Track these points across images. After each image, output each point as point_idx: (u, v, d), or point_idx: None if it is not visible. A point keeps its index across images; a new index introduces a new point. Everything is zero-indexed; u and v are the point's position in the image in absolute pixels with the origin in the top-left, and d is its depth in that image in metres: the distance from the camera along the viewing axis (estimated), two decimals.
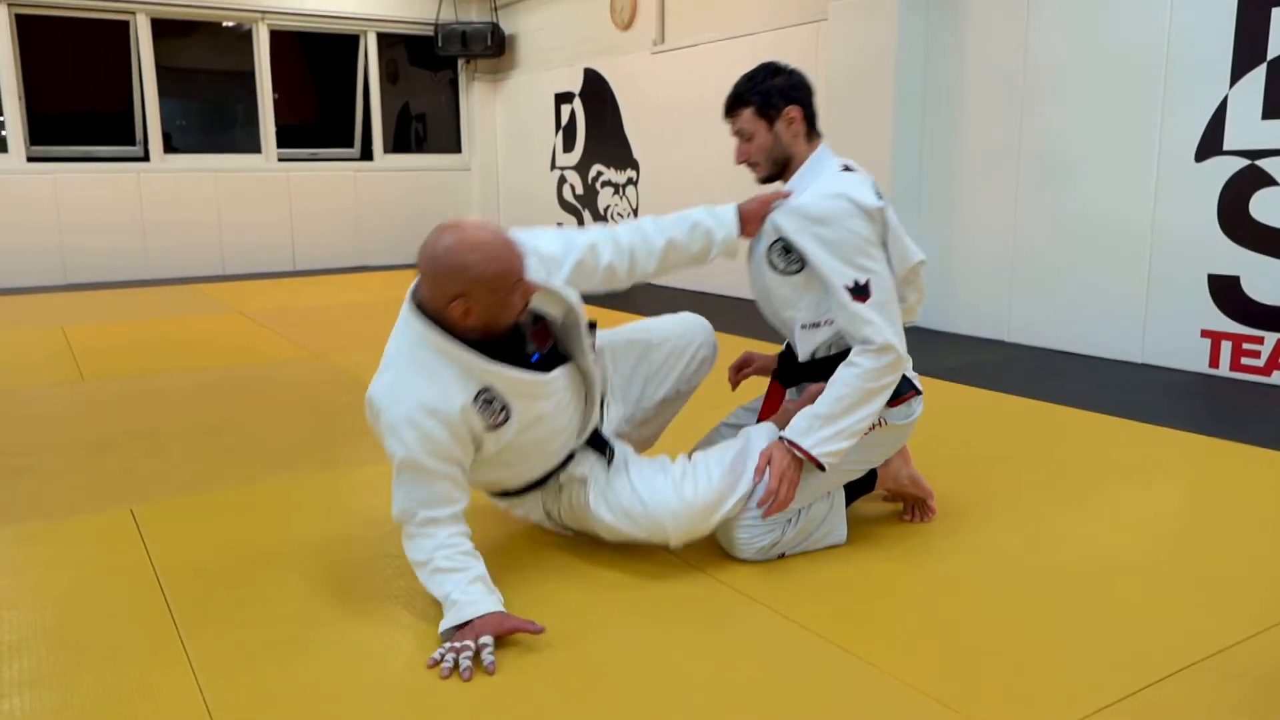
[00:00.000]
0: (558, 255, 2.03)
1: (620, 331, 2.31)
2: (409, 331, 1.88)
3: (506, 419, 1.90)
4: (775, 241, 2.12)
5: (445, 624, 1.77)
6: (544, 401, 1.96)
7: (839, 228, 2.03)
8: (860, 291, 2.01)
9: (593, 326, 2.11)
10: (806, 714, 1.58)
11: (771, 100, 2.14)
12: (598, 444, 2.12)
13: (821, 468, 2.03)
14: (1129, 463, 2.95)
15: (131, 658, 1.77)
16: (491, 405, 1.88)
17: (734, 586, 2.04)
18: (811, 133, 2.20)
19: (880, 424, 2.12)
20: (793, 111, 2.15)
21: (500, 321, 1.87)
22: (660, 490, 2.04)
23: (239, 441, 3.25)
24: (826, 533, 2.21)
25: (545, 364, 1.98)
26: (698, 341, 2.32)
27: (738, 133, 2.20)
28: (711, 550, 2.17)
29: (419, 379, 1.84)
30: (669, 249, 2.12)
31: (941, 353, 4.70)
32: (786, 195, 2.12)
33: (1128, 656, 1.75)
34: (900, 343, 2.05)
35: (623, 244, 2.09)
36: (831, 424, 2.01)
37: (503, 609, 1.80)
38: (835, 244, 2.03)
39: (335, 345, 4.96)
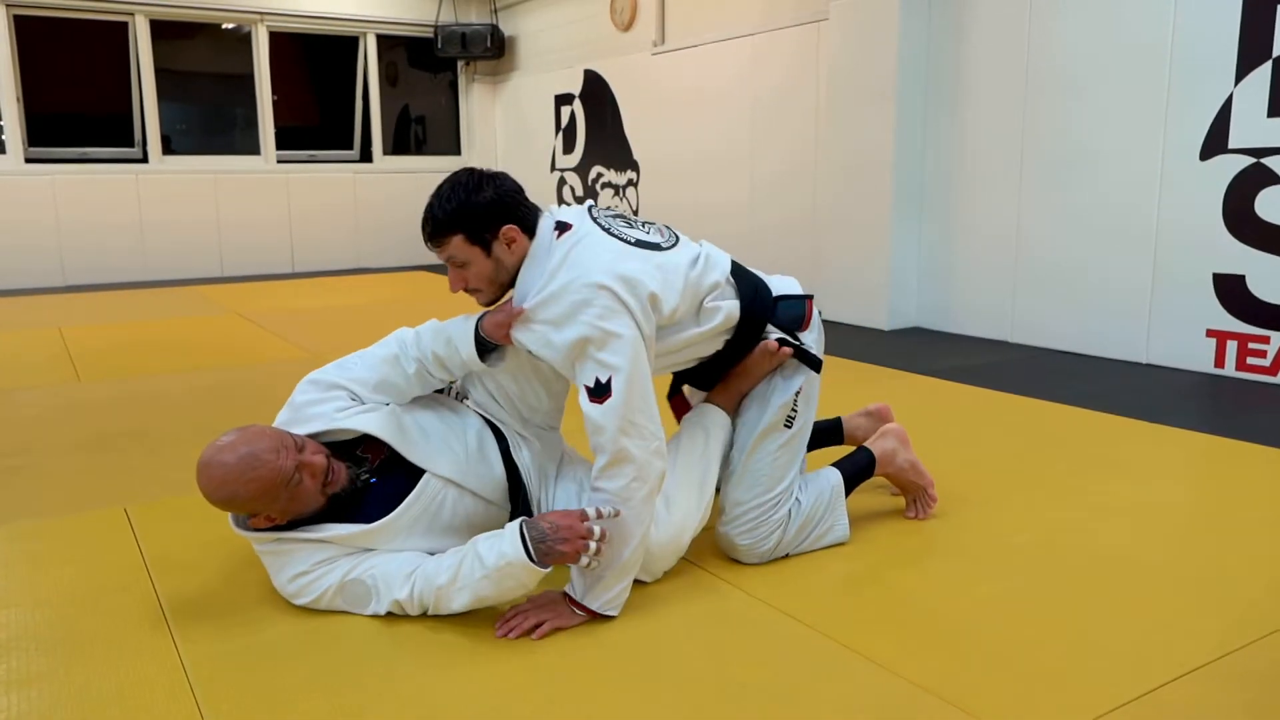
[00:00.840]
0: (366, 377, 2.00)
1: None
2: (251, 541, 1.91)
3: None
4: (529, 351, 1.94)
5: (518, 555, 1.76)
6: (401, 537, 1.89)
7: (575, 324, 1.80)
8: (600, 391, 1.78)
9: (445, 390, 2.11)
10: (810, 711, 1.54)
11: (484, 224, 1.87)
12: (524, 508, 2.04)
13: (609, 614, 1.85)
14: (1136, 462, 2.92)
15: (123, 656, 1.74)
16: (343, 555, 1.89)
17: (736, 584, 2.01)
18: (530, 234, 1.92)
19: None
20: (510, 231, 1.88)
21: (305, 508, 1.84)
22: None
23: None
24: (828, 529, 2.17)
25: (395, 483, 1.92)
26: None
27: (448, 259, 1.91)
28: (713, 548, 2.14)
29: (276, 562, 1.89)
30: (437, 361, 1.97)
31: (944, 353, 4.67)
32: (520, 312, 1.88)
33: (1138, 656, 1.72)
34: (638, 447, 1.78)
35: (413, 354, 1.98)
36: (605, 571, 1.82)
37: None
38: (570, 345, 1.81)
39: (334, 346, 4.92)
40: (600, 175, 8.07)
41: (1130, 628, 1.83)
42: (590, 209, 2.00)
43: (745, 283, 2.07)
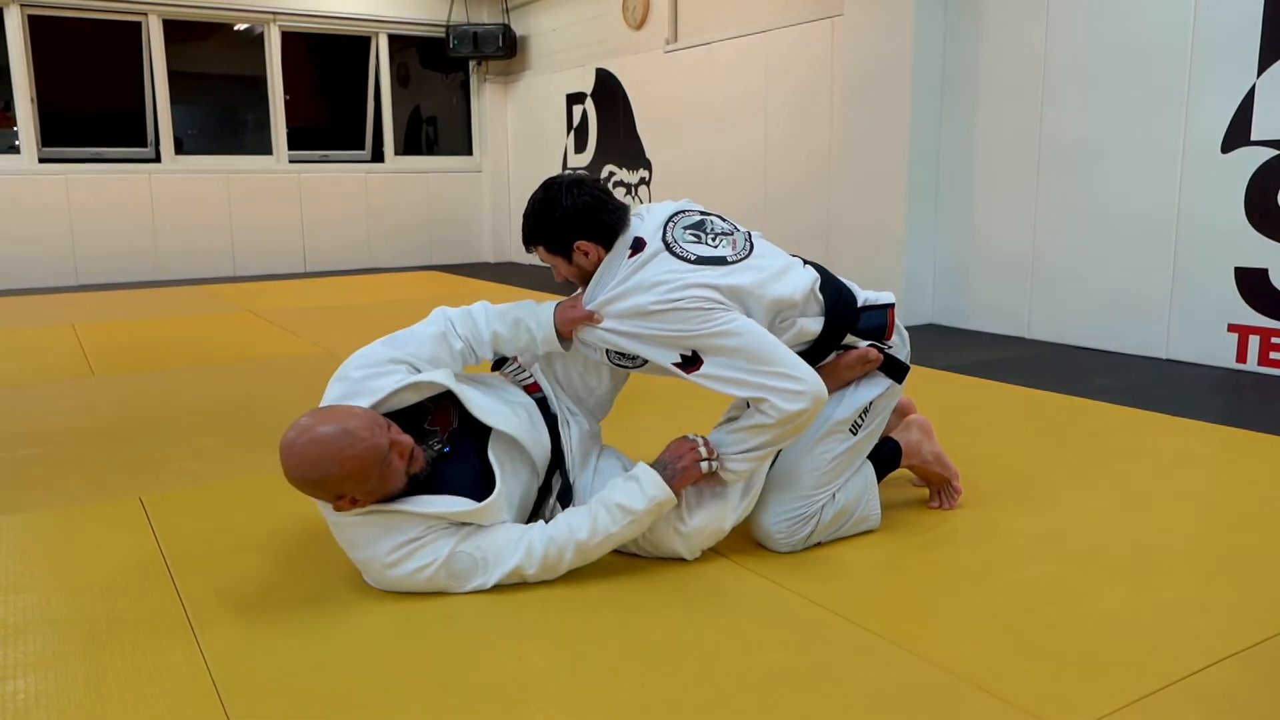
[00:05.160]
0: (420, 352, 2.03)
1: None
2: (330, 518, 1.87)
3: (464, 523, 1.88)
4: (606, 351, 2.04)
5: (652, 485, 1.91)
6: (505, 510, 1.91)
7: (655, 322, 1.93)
8: (689, 362, 1.92)
9: (500, 364, 2.13)
10: (843, 698, 1.51)
11: (559, 240, 2.03)
12: (561, 493, 2.05)
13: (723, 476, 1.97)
14: (1159, 454, 2.88)
15: (139, 640, 1.72)
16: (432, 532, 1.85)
17: (763, 574, 1.98)
18: (611, 243, 2.04)
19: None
20: (583, 245, 2.01)
21: (392, 488, 1.81)
22: (658, 529, 1.99)
23: (250, 431, 3.20)
24: (862, 517, 2.15)
25: (465, 451, 1.94)
26: None
27: (542, 260, 2.11)
28: (739, 537, 2.10)
29: (370, 533, 1.83)
30: (495, 340, 2.06)
31: (962, 349, 4.63)
32: (596, 320, 2.00)
33: (1169, 644, 1.68)
34: (780, 386, 1.88)
35: (459, 332, 2.05)
36: (741, 445, 1.94)
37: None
38: (655, 336, 1.93)
39: (348, 342, 4.90)
40: (612, 174, 8.05)
41: (1160, 615, 1.79)
42: (668, 221, 2.06)
43: (830, 290, 2.09)
